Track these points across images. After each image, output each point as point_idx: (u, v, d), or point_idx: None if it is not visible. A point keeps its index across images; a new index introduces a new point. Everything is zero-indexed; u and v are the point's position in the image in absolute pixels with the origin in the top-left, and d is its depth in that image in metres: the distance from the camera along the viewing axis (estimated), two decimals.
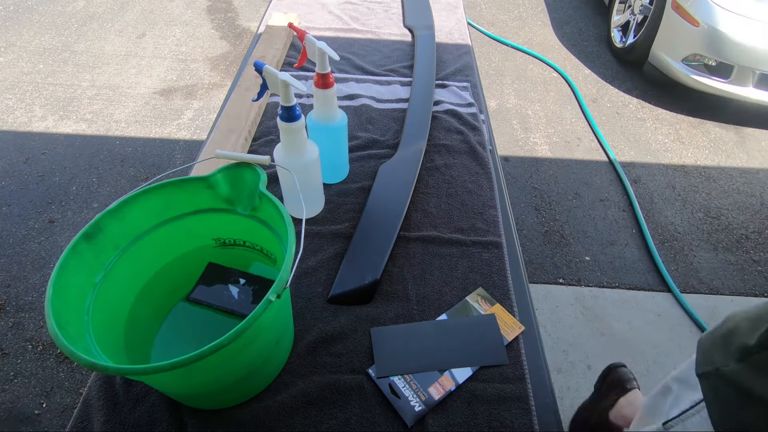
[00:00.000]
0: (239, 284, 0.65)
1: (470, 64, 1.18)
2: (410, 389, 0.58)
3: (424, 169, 0.88)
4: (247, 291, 0.64)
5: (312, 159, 0.69)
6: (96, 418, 0.55)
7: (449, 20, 1.35)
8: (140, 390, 0.57)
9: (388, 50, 1.21)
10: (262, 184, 0.56)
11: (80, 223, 1.70)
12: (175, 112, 2.21)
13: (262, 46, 1.13)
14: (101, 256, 0.53)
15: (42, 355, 1.36)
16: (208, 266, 0.66)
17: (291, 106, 0.62)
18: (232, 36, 2.74)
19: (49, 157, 1.95)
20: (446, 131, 0.97)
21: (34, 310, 1.46)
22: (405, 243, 0.75)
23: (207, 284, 0.65)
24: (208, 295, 0.63)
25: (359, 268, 0.70)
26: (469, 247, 0.75)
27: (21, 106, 2.18)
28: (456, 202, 0.83)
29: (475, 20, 2.92)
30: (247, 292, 0.64)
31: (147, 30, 2.75)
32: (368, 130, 0.97)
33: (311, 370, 0.60)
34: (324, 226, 0.77)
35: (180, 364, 0.39)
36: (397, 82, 1.10)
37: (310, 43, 0.70)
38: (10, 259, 1.59)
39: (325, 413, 0.56)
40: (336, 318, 0.65)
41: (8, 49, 2.53)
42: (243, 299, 0.64)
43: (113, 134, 2.08)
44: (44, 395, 1.28)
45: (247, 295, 0.64)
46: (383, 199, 0.80)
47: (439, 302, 0.68)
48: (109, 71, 2.42)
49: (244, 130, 0.91)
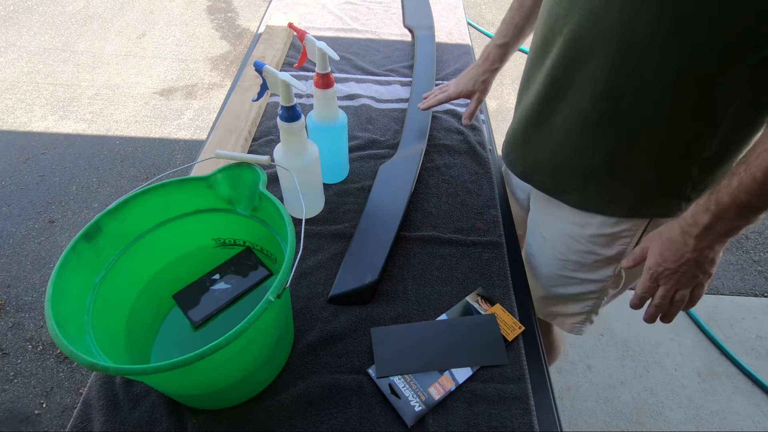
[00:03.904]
0: (219, 278, 0.64)
1: (470, 64, 1.17)
2: (410, 389, 0.58)
3: (424, 169, 0.88)
4: (230, 276, 0.65)
5: (312, 159, 0.69)
6: (96, 418, 0.55)
7: (449, 20, 1.35)
8: (140, 390, 0.57)
9: (388, 50, 1.21)
10: (262, 184, 0.56)
11: (80, 223, 1.70)
12: (175, 112, 2.21)
13: (262, 46, 1.13)
14: (101, 256, 0.53)
15: (42, 355, 1.36)
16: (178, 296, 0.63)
17: (291, 106, 0.62)
18: (232, 36, 2.74)
19: (49, 157, 1.96)
20: (446, 131, 0.97)
21: (34, 310, 1.46)
22: (405, 243, 0.75)
23: (194, 304, 0.62)
24: (205, 309, 0.62)
25: (359, 268, 0.70)
26: (469, 247, 0.75)
27: (21, 106, 2.18)
28: (456, 202, 0.83)
29: (475, 20, 2.92)
30: (230, 276, 0.65)
31: (147, 30, 2.75)
32: (368, 130, 0.97)
33: (311, 370, 0.60)
34: (324, 226, 0.77)
35: (180, 364, 0.39)
36: (397, 82, 1.10)
37: (310, 43, 0.70)
38: (10, 259, 1.59)
39: (325, 413, 0.56)
40: (336, 318, 0.65)
41: (8, 49, 2.53)
42: (234, 282, 0.64)
43: (113, 134, 2.08)
44: (44, 395, 1.28)
45: (234, 278, 0.64)
46: (383, 199, 0.80)
47: (439, 302, 0.68)
48: (109, 71, 2.42)
49: (244, 130, 0.91)
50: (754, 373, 1.39)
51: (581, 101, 0.62)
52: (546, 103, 0.68)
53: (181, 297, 0.63)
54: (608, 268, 0.75)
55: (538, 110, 0.70)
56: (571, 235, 0.75)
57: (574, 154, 0.68)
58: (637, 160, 0.63)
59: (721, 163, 0.62)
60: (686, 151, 0.61)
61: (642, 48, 0.54)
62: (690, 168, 0.62)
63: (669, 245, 0.58)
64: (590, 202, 0.71)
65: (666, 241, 0.59)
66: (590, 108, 0.62)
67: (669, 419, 1.30)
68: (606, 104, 0.60)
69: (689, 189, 0.65)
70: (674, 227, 0.58)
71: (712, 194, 0.53)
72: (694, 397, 1.36)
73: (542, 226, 0.81)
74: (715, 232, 0.54)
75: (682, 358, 1.44)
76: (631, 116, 0.59)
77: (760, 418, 1.31)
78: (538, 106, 0.70)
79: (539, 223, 0.82)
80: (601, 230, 0.71)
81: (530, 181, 0.78)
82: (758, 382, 1.38)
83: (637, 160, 0.63)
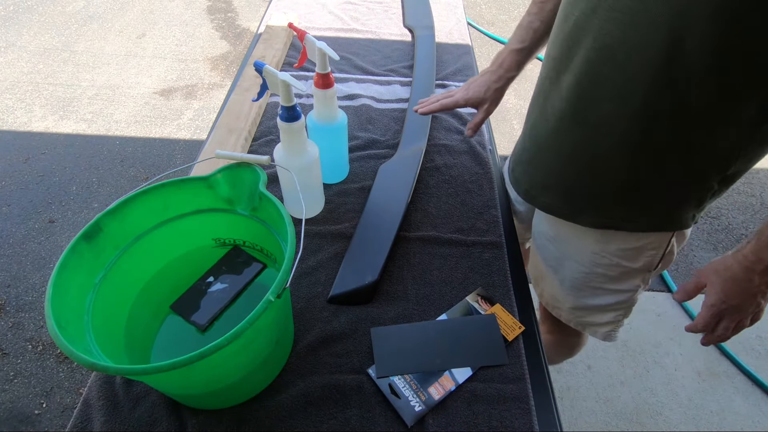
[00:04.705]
0: (213, 281, 0.64)
1: (470, 64, 1.18)
2: (410, 389, 0.58)
3: (424, 169, 0.88)
4: (224, 276, 0.64)
5: (312, 159, 0.69)
6: (96, 418, 0.55)
7: (449, 20, 1.35)
8: (140, 390, 0.57)
9: (388, 50, 1.21)
10: (262, 184, 0.56)
11: (80, 223, 1.70)
12: (175, 112, 2.21)
13: (262, 46, 1.13)
14: (101, 256, 0.53)
15: (42, 355, 1.36)
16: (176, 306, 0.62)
17: (291, 106, 0.62)
18: (232, 36, 2.74)
19: (49, 157, 1.96)
20: (446, 131, 0.97)
21: (34, 310, 1.46)
22: (405, 243, 0.75)
23: (194, 309, 0.62)
24: (208, 311, 0.61)
25: (359, 268, 0.70)
26: (469, 247, 0.75)
27: (21, 106, 2.18)
28: (456, 202, 0.83)
29: (475, 20, 2.92)
30: (225, 276, 0.64)
31: (147, 30, 2.75)
32: (368, 130, 0.97)
33: (311, 370, 0.60)
34: (324, 226, 0.77)
35: (180, 364, 0.39)
36: (397, 82, 1.10)
37: (310, 43, 0.70)
38: (10, 259, 1.59)
39: (325, 413, 0.56)
40: (336, 318, 0.65)
41: (8, 49, 2.53)
42: (230, 281, 0.64)
43: (113, 134, 2.08)
44: (44, 395, 1.28)
45: (229, 277, 0.64)
46: (383, 199, 0.80)
47: (439, 302, 0.68)
48: (109, 71, 2.42)
49: (244, 130, 0.91)
50: (754, 373, 1.39)
51: (611, 124, 0.58)
52: (566, 124, 0.63)
53: (179, 306, 0.62)
54: (637, 278, 0.73)
55: (555, 132, 0.65)
56: (594, 251, 0.72)
57: (594, 178, 0.64)
58: (663, 180, 0.61)
59: (739, 174, 0.60)
60: (712, 170, 0.59)
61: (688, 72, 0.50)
62: (712, 184, 0.61)
63: (732, 284, 0.57)
64: (607, 221, 0.68)
65: (729, 280, 0.57)
66: (622, 133, 0.58)
67: (669, 419, 1.30)
68: (642, 127, 0.56)
69: (707, 202, 0.64)
70: (733, 265, 0.56)
71: None
72: (694, 397, 1.36)
73: (559, 244, 0.77)
74: None
75: (682, 358, 1.44)
76: (665, 140, 0.56)
77: (760, 418, 1.31)
78: (555, 126, 0.65)
79: (554, 241, 0.78)
80: (625, 244, 0.69)
81: (534, 201, 0.75)
82: (758, 382, 1.38)
83: (662, 180, 0.61)
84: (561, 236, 0.76)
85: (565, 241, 0.76)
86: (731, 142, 0.55)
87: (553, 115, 0.65)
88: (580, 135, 0.63)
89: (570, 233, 0.74)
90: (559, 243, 0.77)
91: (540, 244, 0.82)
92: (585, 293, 0.78)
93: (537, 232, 0.82)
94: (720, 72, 0.49)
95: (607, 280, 0.74)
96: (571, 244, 0.75)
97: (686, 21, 0.47)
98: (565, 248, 0.76)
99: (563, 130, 0.64)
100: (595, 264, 0.73)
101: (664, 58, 0.50)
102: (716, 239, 1.77)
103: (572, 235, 0.74)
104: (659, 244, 0.68)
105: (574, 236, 0.74)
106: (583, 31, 0.56)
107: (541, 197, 0.74)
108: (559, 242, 0.77)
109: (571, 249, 0.75)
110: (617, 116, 0.57)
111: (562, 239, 0.76)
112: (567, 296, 0.81)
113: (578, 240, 0.73)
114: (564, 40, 0.60)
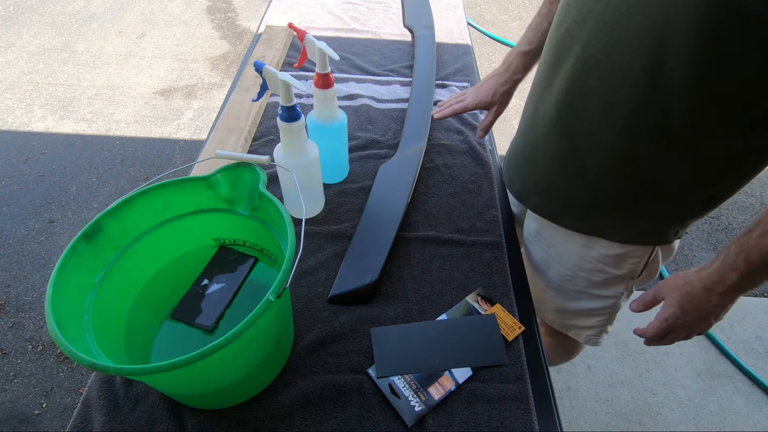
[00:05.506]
0: (209, 283, 0.64)
1: (470, 64, 1.18)
2: (410, 389, 0.58)
3: (424, 169, 0.88)
4: (219, 277, 0.64)
5: (312, 159, 0.69)
6: (96, 418, 0.55)
7: (449, 20, 1.35)
8: (140, 390, 0.57)
9: (388, 50, 1.21)
10: (262, 184, 0.56)
11: (80, 223, 1.70)
12: (175, 112, 2.21)
13: (262, 46, 1.13)
14: (101, 256, 0.53)
15: (42, 355, 1.36)
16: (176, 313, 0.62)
17: (291, 106, 0.62)
18: (232, 36, 2.74)
19: (49, 157, 1.96)
20: (446, 131, 0.97)
21: (34, 310, 1.46)
22: (405, 243, 0.75)
23: (197, 313, 0.62)
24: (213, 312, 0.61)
25: (359, 268, 0.70)
26: (469, 247, 0.75)
27: (21, 106, 2.18)
28: (456, 202, 0.83)
29: (475, 20, 2.92)
30: (219, 276, 0.64)
31: (147, 30, 2.75)
32: (368, 130, 0.97)
33: (311, 370, 0.60)
34: (324, 226, 0.77)
35: (180, 363, 0.39)
36: (397, 82, 1.10)
37: (310, 43, 0.70)
38: (10, 259, 1.59)
39: (325, 413, 0.56)
40: (336, 318, 0.65)
41: (8, 49, 2.53)
42: (227, 280, 0.64)
43: (113, 134, 2.08)
44: (44, 395, 1.28)
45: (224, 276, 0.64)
46: (383, 199, 0.80)
47: (439, 302, 0.68)
48: (109, 71, 2.42)
49: (244, 130, 0.91)
50: (754, 373, 1.39)
51: (596, 136, 0.59)
52: (556, 130, 0.64)
53: (179, 312, 0.61)
54: (620, 285, 0.74)
55: (545, 136, 0.66)
56: (579, 255, 0.73)
57: (579, 186, 0.65)
58: (645, 196, 0.61)
59: (721, 199, 0.61)
60: (692, 191, 0.59)
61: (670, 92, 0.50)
62: (692, 206, 0.62)
63: (690, 300, 0.57)
64: (591, 227, 0.69)
65: (687, 295, 0.57)
66: (604, 146, 0.59)
67: (669, 419, 1.30)
68: (626, 143, 0.57)
69: (689, 221, 0.64)
70: (695, 282, 0.57)
71: (739, 253, 0.51)
72: (694, 397, 1.36)
73: (546, 245, 0.78)
74: (742, 289, 0.54)
75: (682, 358, 1.44)
76: (652, 155, 0.56)
77: (760, 418, 1.31)
78: (546, 131, 0.66)
79: (541, 242, 0.79)
80: (608, 251, 0.70)
81: (526, 201, 0.76)
82: (758, 382, 1.38)
83: (644, 196, 0.61)
84: (548, 238, 0.77)
85: (552, 244, 0.77)
86: (712, 165, 0.55)
87: (544, 119, 0.66)
88: (566, 142, 0.64)
89: (557, 236, 0.75)
90: (546, 245, 0.78)
91: (529, 245, 0.83)
92: (569, 296, 0.79)
93: (527, 233, 0.83)
94: (702, 94, 0.49)
95: (590, 284, 0.75)
96: (558, 247, 0.76)
97: (668, 38, 0.47)
98: (552, 250, 0.77)
99: (553, 135, 0.65)
100: (580, 268, 0.74)
101: (647, 74, 0.50)
102: (716, 239, 1.77)
103: (559, 238, 0.75)
104: (642, 252, 0.69)
105: (560, 239, 0.74)
106: (573, 39, 0.57)
107: (532, 198, 0.75)
108: (546, 244, 0.78)
109: (558, 251, 0.76)
110: (601, 130, 0.58)
111: (549, 241, 0.77)
112: (552, 298, 0.82)
113: (564, 243, 0.74)
114: (555, 47, 0.61)
